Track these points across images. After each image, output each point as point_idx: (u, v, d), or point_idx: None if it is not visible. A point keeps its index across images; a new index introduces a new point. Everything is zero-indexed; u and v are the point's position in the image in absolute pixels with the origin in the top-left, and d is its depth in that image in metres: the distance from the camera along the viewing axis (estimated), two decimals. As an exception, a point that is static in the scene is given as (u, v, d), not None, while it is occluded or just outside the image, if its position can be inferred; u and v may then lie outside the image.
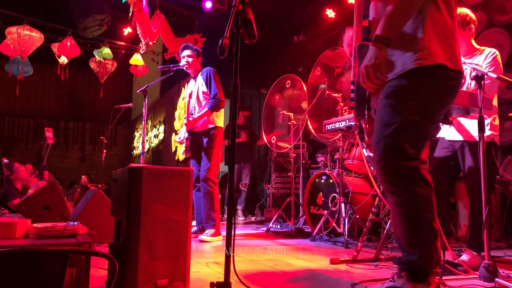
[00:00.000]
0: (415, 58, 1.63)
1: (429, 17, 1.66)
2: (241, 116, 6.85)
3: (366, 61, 1.63)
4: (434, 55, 1.63)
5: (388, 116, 1.68)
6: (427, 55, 1.62)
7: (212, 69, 4.07)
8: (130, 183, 1.85)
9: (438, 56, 1.63)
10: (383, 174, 1.69)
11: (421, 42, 1.64)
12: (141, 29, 6.39)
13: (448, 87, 1.69)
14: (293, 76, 5.23)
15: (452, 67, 1.66)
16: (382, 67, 1.61)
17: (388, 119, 1.67)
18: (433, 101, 1.68)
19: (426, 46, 1.63)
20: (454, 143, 2.78)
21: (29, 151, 12.80)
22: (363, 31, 1.81)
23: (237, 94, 1.66)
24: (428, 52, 1.63)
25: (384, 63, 1.61)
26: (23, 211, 2.89)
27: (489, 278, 2.07)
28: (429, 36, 1.64)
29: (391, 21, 1.62)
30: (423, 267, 1.63)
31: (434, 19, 1.67)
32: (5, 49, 6.99)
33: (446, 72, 1.65)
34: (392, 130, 1.65)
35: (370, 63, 1.61)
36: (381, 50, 1.61)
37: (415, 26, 1.66)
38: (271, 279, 2.30)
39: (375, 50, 1.61)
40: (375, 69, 1.60)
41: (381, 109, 1.71)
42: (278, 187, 6.27)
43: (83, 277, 1.60)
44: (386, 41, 1.61)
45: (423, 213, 1.63)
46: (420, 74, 1.64)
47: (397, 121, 1.65)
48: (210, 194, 3.87)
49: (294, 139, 4.83)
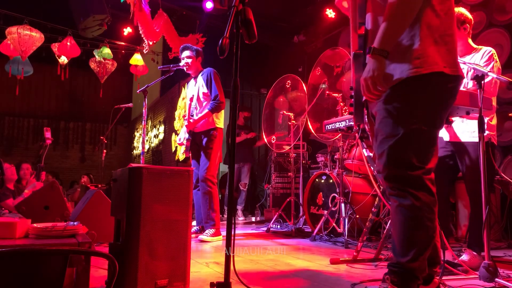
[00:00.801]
0: (412, 66, 1.62)
1: (425, 23, 1.64)
2: (241, 116, 6.85)
3: (366, 74, 1.64)
4: (431, 63, 1.62)
5: (389, 127, 1.67)
6: (424, 63, 1.61)
7: (213, 70, 4.06)
8: (130, 183, 1.85)
9: (436, 64, 1.62)
10: (387, 182, 1.70)
11: (418, 50, 1.63)
12: (143, 29, 6.38)
13: (446, 90, 1.67)
14: (294, 76, 5.23)
15: (451, 73, 1.65)
16: (381, 78, 1.61)
17: (390, 130, 1.66)
18: (433, 108, 1.67)
19: (423, 54, 1.62)
20: (452, 144, 2.78)
21: (29, 151, 12.79)
22: (359, 39, 1.80)
23: (237, 94, 1.66)
24: (426, 60, 1.62)
25: (382, 75, 1.61)
26: (23, 211, 2.89)
27: (489, 278, 2.08)
28: (426, 44, 1.63)
29: (388, 32, 1.61)
30: (412, 270, 1.63)
31: (431, 25, 1.65)
32: (5, 49, 6.98)
33: (444, 77, 1.64)
34: (395, 141, 1.64)
35: (369, 75, 1.62)
36: (379, 63, 1.61)
37: (412, 34, 1.65)
38: (271, 279, 2.30)
39: (373, 63, 1.61)
40: (374, 81, 1.61)
41: (382, 119, 1.70)
42: (278, 187, 6.27)
43: (83, 277, 1.60)
44: (384, 53, 1.61)
45: (424, 220, 1.63)
46: (417, 82, 1.63)
47: (399, 132, 1.64)
48: (209, 194, 3.87)
49: (294, 139, 4.84)
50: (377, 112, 1.75)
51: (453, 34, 1.71)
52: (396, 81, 1.65)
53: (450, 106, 1.76)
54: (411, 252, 1.63)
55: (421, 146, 1.65)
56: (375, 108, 1.77)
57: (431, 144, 1.69)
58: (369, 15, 1.79)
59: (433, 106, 1.67)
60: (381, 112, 1.71)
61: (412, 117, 1.64)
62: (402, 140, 1.64)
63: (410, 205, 1.63)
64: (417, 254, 1.63)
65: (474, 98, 2.23)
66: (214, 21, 7.42)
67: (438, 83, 1.65)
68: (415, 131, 1.64)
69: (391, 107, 1.67)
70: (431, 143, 1.69)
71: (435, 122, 1.69)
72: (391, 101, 1.67)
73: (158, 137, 10.97)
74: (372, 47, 1.62)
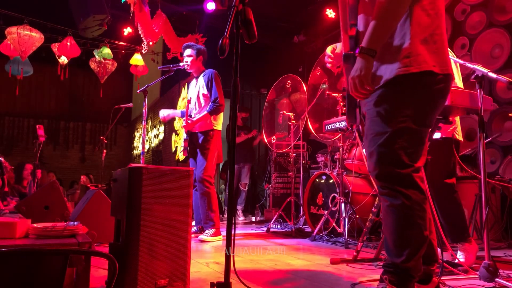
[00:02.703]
0: (402, 65, 1.63)
1: (415, 22, 1.65)
2: (238, 117, 6.84)
3: (353, 73, 1.64)
4: (420, 62, 1.62)
5: (379, 126, 1.68)
6: (414, 62, 1.62)
7: (215, 72, 4.05)
8: (130, 183, 1.85)
9: (425, 62, 1.63)
10: (377, 180, 1.71)
11: (408, 49, 1.63)
12: (142, 29, 6.38)
13: (435, 90, 1.67)
14: (294, 77, 5.23)
15: (440, 71, 1.65)
16: (368, 78, 1.61)
17: (379, 129, 1.68)
18: (422, 106, 1.67)
19: (412, 53, 1.63)
20: None
21: (29, 151, 12.77)
22: (350, 40, 1.81)
23: (237, 94, 1.66)
24: (415, 59, 1.62)
25: (370, 74, 1.62)
26: (23, 211, 2.89)
27: (489, 278, 2.08)
28: (416, 43, 1.63)
29: (376, 32, 1.62)
30: (407, 270, 1.63)
31: (420, 23, 1.65)
32: (5, 49, 6.98)
33: (433, 77, 1.65)
34: (384, 139, 1.66)
35: (356, 74, 1.62)
36: (366, 62, 1.61)
37: (401, 33, 1.66)
38: (271, 279, 2.30)
39: (361, 62, 1.62)
40: (361, 80, 1.61)
41: (371, 118, 1.71)
42: (278, 187, 6.27)
43: (83, 277, 1.60)
44: (372, 53, 1.61)
45: (415, 219, 1.64)
46: (406, 81, 1.63)
47: (388, 130, 1.65)
48: (207, 194, 3.87)
49: (294, 139, 4.84)
50: (366, 111, 1.76)
51: (442, 33, 1.71)
52: (385, 81, 1.66)
53: (441, 105, 1.75)
54: (405, 252, 1.63)
55: (410, 144, 1.66)
56: (365, 108, 1.78)
57: (420, 143, 1.70)
58: (361, 17, 1.80)
59: (422, 105, 1.67)
60: (370, 112, 1.72)
61: (401, 115, 1.64)
62: (391, 138, 1.65)
63: (400, 205, 1.64)
64: (411, 254, 1.63)
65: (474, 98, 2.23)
66: (214, 21, 7.42)
67: (427, 82, 1.65)
68: (404, 130, 1.64)
69: (380, 106, 1.68)
70: (420, 142, 1.70)
71: (425, 121, 1.70)
72: (380, 100, 1.68)
73: (158, 137, 10.97)
74: (361, 46, 1.63)
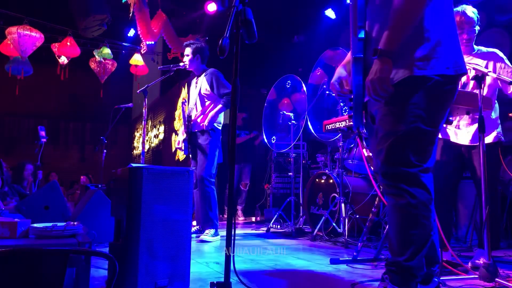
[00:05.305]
0: (415, 67, 1.64)
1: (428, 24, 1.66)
2: (239, 117, 6.84)
3: (372, 75, 1.64)
4: (433, 64, 1.64)
5: (389, 125, 1.69)
6: (426, 65, 1.64)
7: (217, 70, 4.05)
8: (130, 183, 1.85)
9: (438, 64, 1.64)
10: (384, 179, 1.71)
11: (421, 51, 1.64)
12: (141, 30, 6.38)
13: (445, 91, 1.69)
14: (294, 76, 5.22)
15: (453, 73, 1.67)
16: (388, 80, 1.62)
17: (389, 128, 1.68)
18: (434, 107, 1.68)
19: (426, 55, 1.64)
20: (458, 146, 2.76)
21: (29, 151, 12.76)
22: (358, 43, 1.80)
23: (237, 94, 1.66)
24: (428, 61, 1.64)
25: (389, 76, 1.62)
26: (23, 211, 2.89)
27: (489, 278, 2.07)
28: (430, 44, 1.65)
29: (393, 35, 1.62)
30: (410, 269, 1.64)
31: (434, 25, 1.66)
32: (5, 49, 6.98)
33: (445, 79, 1.66)
34: (394, 139, 1.66)
35: (376, 76, 1.62)
36: (386, 64, 1.62)
37: (414, 35, 1.66)
38: (271, 279, 2.30)
39: (381, 64, 1.62)
40: (381, 82, 1.61)
41: (382, 117, 1.72)
42: (278, 187, 6.26)
43: (83, 277, 1.60)
44: (390, 55, 1.62)
45: (419, 218, 1.64)
46: (418, 82, 1.64)
47: (398, 129, 1.66)
48: (207, 194, 3.86)
49: (294, 139, 4.83)
50: (377, 110, 1.76)
51: (455, 34, 1.72)
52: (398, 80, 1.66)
53: (449, 105, 1.77)
54: (408, 251, 1.64)
55: (420, 144, 1.67)
56: (375, 107, 1.78)
57: (429, 143, 1.70)
58: (370, 19, 1.80)
59: (434, 106, 1.68)
60: (381, 111, 1.73)
61: (412, 116, 1.65)
62: (401, 138, 1.65)
63: (406, 204, 1.64)
64: (414, 253, 1.63)
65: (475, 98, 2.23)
66: (214, 21, 7.42)
67: (439, 84, 1.66)
68: (415, 130, 1.65)
69: (391, 106, 1.69)
70: (429, 142, 1.70)
71: (435, 121, 1.70)
72: (392, 100, 1.68)
73: (158, 137, 10.97)
74: (379, 49, 1.63)
